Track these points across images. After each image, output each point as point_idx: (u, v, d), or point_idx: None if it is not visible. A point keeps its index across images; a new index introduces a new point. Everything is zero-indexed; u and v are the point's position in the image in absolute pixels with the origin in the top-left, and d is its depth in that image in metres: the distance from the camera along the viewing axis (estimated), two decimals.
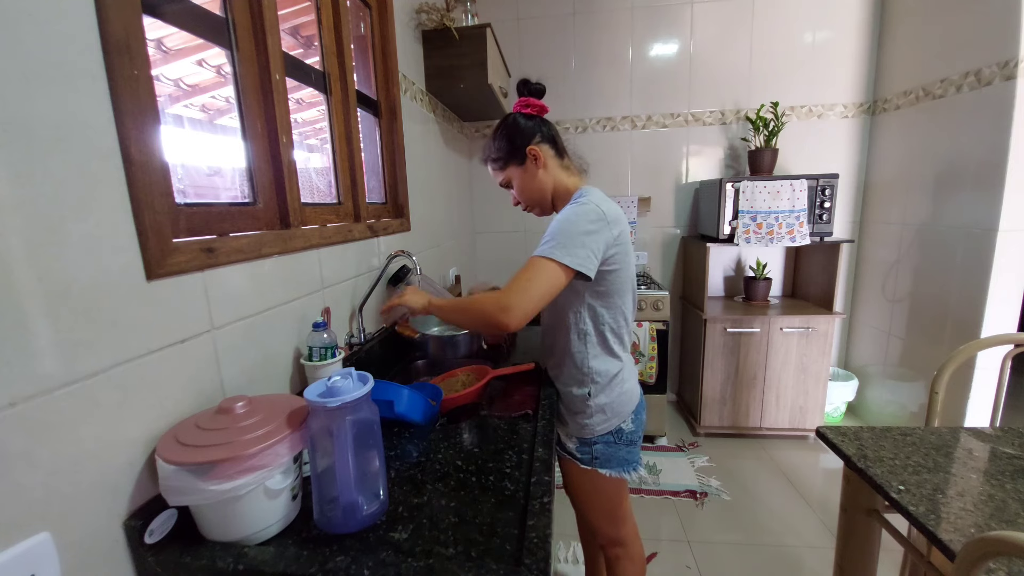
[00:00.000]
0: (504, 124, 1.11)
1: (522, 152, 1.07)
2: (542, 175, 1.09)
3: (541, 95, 1.11)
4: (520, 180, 1.10)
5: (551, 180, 1.10)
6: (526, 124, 1.09)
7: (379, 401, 0.78)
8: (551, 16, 2.61)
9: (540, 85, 1.11)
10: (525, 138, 1.07)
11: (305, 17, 1.24)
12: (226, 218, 0.84)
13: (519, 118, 1.10)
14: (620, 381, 1.08)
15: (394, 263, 1.38)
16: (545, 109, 1.11)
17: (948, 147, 2.02)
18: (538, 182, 1.09)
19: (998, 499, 0.79)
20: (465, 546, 0.62)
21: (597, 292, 1.02)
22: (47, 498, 0.51)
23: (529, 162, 1.08)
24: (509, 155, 1.09)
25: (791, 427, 2.41)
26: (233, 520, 0.61)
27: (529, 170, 1.08)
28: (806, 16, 2.45)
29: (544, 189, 1.10)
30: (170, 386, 0.68)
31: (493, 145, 1.12)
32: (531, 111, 1.10)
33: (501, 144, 1.10)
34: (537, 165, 1.08)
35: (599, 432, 1.07)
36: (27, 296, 0.49)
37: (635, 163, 2.72)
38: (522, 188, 1.11)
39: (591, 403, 1.06)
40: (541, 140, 1.08)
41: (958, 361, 1.15)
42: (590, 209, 0.96)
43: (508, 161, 1.10)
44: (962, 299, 1.95)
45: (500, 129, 1.11)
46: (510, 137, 1.09)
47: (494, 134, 1.12)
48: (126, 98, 0.60)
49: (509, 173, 1.11)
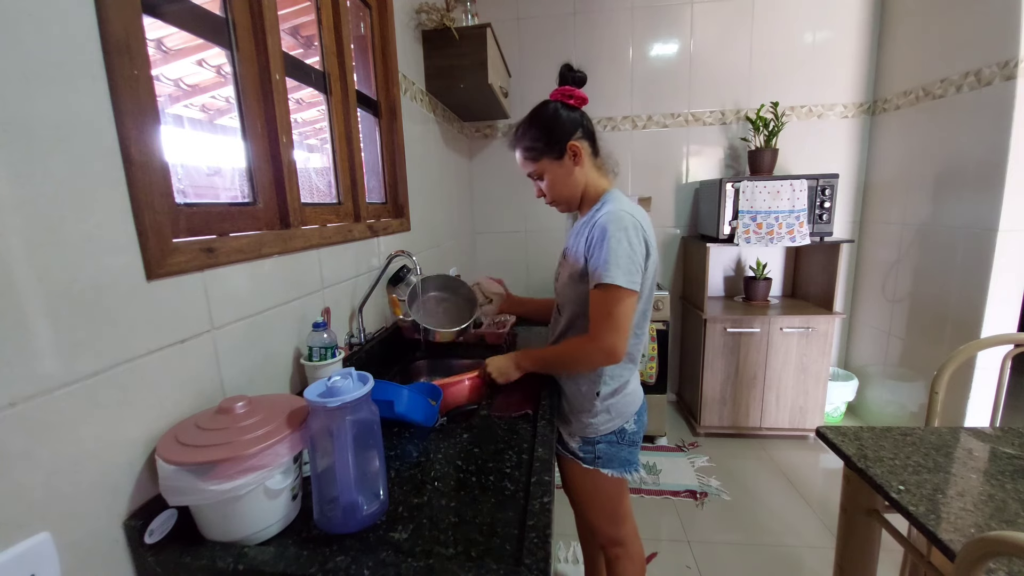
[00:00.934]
0: (543, 113, 1.04)
1: (562, 146, 1.01)
2: (578, 173, 1.03)
3: (583, 84, 1.04)
4: (554, 175, 1.04)
5: (584, 179, 1.05)
6: (568, 116, 1.02)
7: (379, 401, 0.78)
8: (551, 16, 2.61)
9: (583, 74, 1.04)
10: (567, 132, 1.01)
11: (305, 17, 1.24)
12: (226, 218, 0.84)
13: (561, 109, 1.02)
14: (626, 382, 1.08)
15: (394, 263, 1.38)
16: (586, 100, 1.04)
17: (948, 147, 2.02)
18: (573, 180, 1.04)
19: (998, 499, 0.79)
20: (465, 546, 0.62)
21: None
22: (47, 498, 0.51)
23: (567, 158, 1.02)
24: (547, 147, 1.02)
25: (791, 427, 2.41)
26: (233, 520, 0.61)
27: (566, 166, 1.03)
28: (806, 16, 2.45)
29: (577, 187, 1.05)
30: (170, 386, 0.68)
31: (529, 133, 1.04)
32: (573, 102, 1.03)
33: (539, 134, 1.02)
34: (576, 162, 1.02)
35: (603, 432, 1.07)
36: (27, 296, 0.49)
37: (635, 163, 2.72)
38: (554, 184, 1.05)
39: (598, 403, 1.05)
40: (582, 136, 1.02)
41: (958, 361, 1.15)
42: (632, 224, 0.94)
43: (544, 153, 1.03)
44: (962, 299, 1.95)
45: (538, 118, 1.04)
46: (550, 128, 1.02)
47: (530, 121, 1.05)
48: (126, 98, 0.60)
49: (543, 166, 1.04)
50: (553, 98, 1.04)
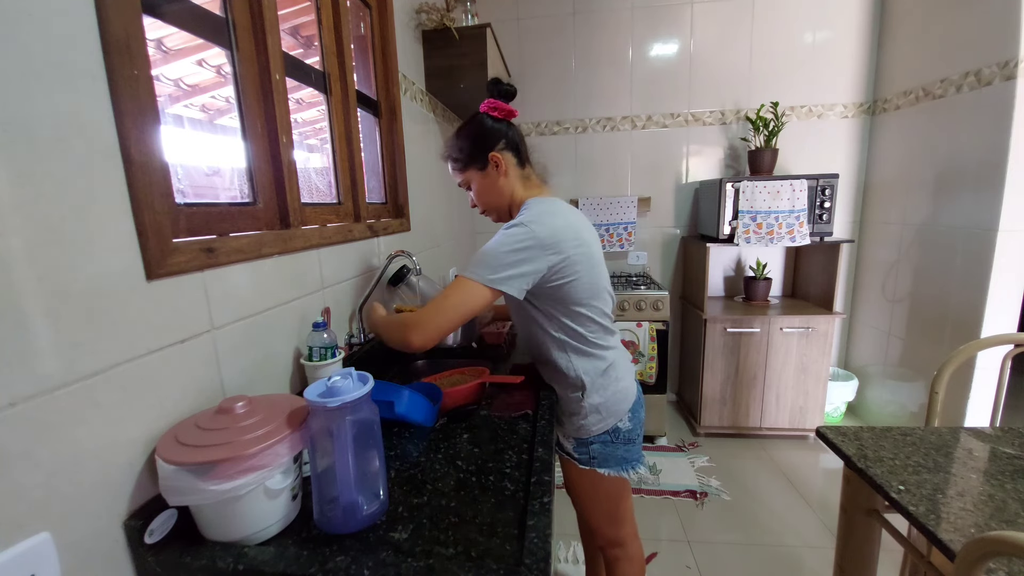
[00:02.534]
0: (470, 124, 1.07)
1: (484, 156, 1.03)
2: (502, 182, 1.05)
3: (511, 98, 1.07)
4: (479, 185, 1.07)
5: (510, 188, 1.06)
6: (492, 127, 1.04)
7: (379, 401, 0.78)
8: (551, 16, 2.61)
9: (511, 87, 1.07)
10: (489, 142, 1.03)
11: (305, 17, 1.24)
12: (226, 218, 0.84)
13: (486, 120, 1.05)
14: (613, 379, 1.06)
15: (394, 263, 1.38)
16: (513, 113, 1.07)
17: (948, 147, 2.02)
18: (497, 189, 1.06)
19: (998, 499, 0.79)
20: (465, 546, 0.62)
21: (556, 304, 0.99)
22: (47, 498, 0.51)
23: (491, 168, 1.04)
24: (471, 157, 1.05)
25: (791, 427, 2.41)
26: (233, 520, 0.61)
27: (490, 176, 1.05)
28: (806, 16, 2.45)
29: (503, 197, 1.06)
30: (170, 386, 0.68)
31: (456, 144, 1.07)
32: (499, 114, 1.06)
33: (464, 144, 1.06)
34: (499, 172, 1.04)
35: (595, 432, 1.07)
36: (27, 296, 0.49)
37: (635, 163, 2.72)
38: (480, 193, 1.08)
39: (585, 404, 1.05)
40: (505, 146, 1.04)
41: (958, 361, 1.15)
42: (522, 233, 0.92)
43: (469, 163, 1.06)
44: (962, 299, 1.95)
45: (465, 128, 1.07)
46: (474, 139, 1.05)
47: (458, 132, 1.08)
48: (126, 98, 0.60)
49: (469, 176, 1.07)
50: (482, 110, 1.07)
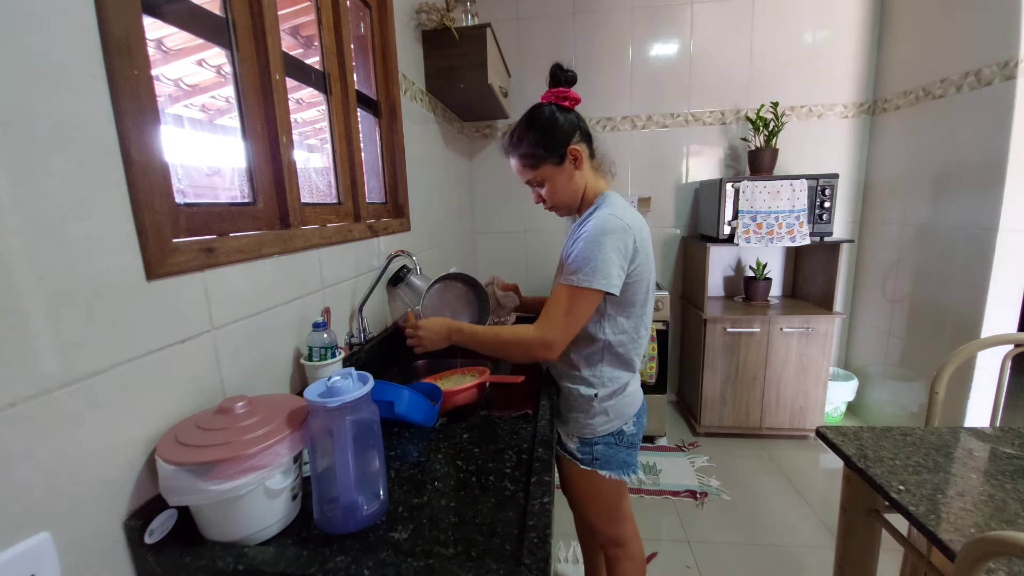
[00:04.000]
0: (539, 117, 0.99)
1: (562, 151, 0.98)
2: (578, 177, 1.01)
3: (575, 83, 1.01)
4: (556, 181, 1.01)
5: (584, 182, 1.02)
6: (566, 119, 0.98)
7: (379, 402, 0.78)
8: (551, 16, 2.60)
9: (574, 73, 1.01)
10: (566, 135, 0.98)
11: (305, 17, 1.24)
12: (226, 218, 0.84)
13: (557, 112, 0.99)
14: (627, 383, 1.07)
15: (394, 263, 1.38)
16: (579, 100, 1.01)
17: (948, 147, 2.02)
18: (574, 184, 1.01)
19: (998, 499, 0.79)
20: (465, 546, 0.62)
21: (618, 303, 0.99)
22: (47, 498, 0.51)
23: (568, 162, 0.99)
24: (547, 153, 0.98)
25: (791, 427, 2.41)
26: (233, 520, 0.61)
27: (567, 171, 1.00)
28: (806, 16, 2.45)
29: (578, 192, 1.02)
30: (170, 386, 0.68)
31: (527, 139, 0.99)
32: (569, 104, 1.00)
33: (537, 139, 0.98)
34: (576, 166, 0.99)
35: (600, 432, 1.06)
36: (27, 296, 0.49)
37: (635, 163, 2.72)
38: (556, 190, 1.02)
39: (596, 404, 1.05)
40: (580, 138, 1.00)
41: (958, 361, 1.15)
42: (617, 226, 0.92)
43: (544, 159, 0.99)
44: (962, 299, 1.95)
45: (534, 122, 1.00)
46: (549, 133, 0.98)
47: (527, 126, 1.00)
48: (126, 98, 0.60)
49: (543, 172, 1.00)
50: (546, 100, 1.01)
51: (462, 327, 1.01)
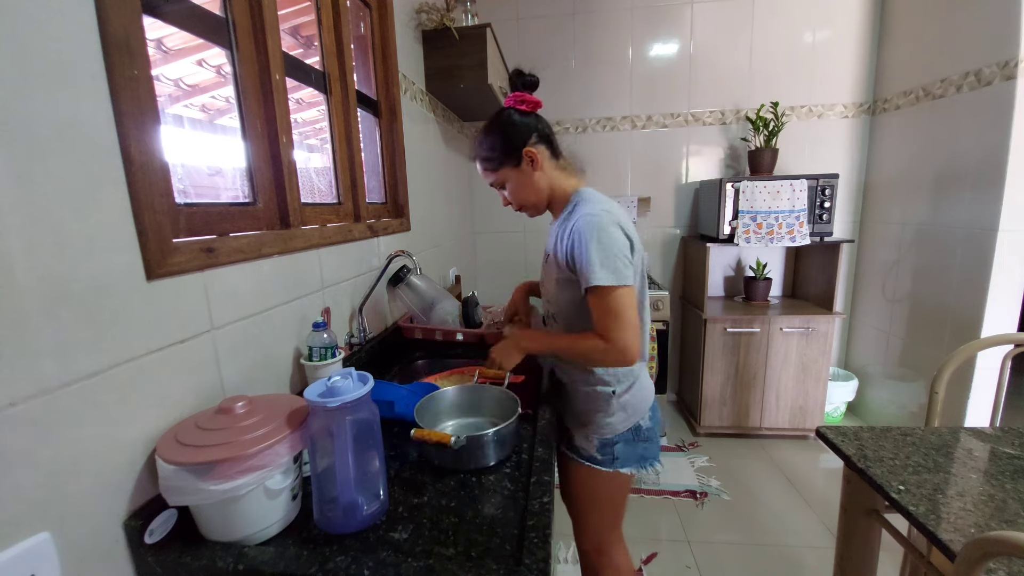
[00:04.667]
0: (498, 121, 1.03)
1: (518, 153, 1.00)
2: (538, 177, 1.03)
3: (535, 88, 1.04)
4: (515, 183, 1.04)
5: (547, 182, 1.04)
6: (522, 122, 1.01)
7: (379, 402, 0.78)
8: (551, 16, 2.60)
9: (534, 77, 1.04)
10: (521, 138, 1.00)
11: (305, 17, 1.24)
12: (226, 218, 0.84)
13: (514, 115, 1.02)
14: (638, 377, 1.07)
15: (394, 263, 1.38)
16: (539, 104, 1.03)
17: (948, 147, 2.02)
18: (534, 185, 1.03)
19: (998, 499, 0.79)
20: (465, 546, 0.62)
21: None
22: (47, 498, 0.51)
23: (525, 164, 1.01)
24: (504, 155, 1.01)
25: (791, 427, 2.41)
26: (233, 520, 0.61)
27: (525, 172, 1.02)
28: (806, 16, 2.45)
29: (540, 192, 1.04)
30: (170, 386, 0.68)
31: (485, 143, 1.03)
32: (526, 107, 1.02)
33: (495, 143, 1.02)
34: (534, 167, 1.01)
35: (621, 430, 1.06)
36: (27, 296, 0.49)
37: (635, 163, 2.72)
38: (516, 191, 1.05)
39: (615, 401, 1.04)
40: (537, 140, 1.02)
41: (958, 361, 1.15)
42: (608, 220, 0.93)
43: (502, 162, 1.02)
44: (962, 299, 1.95)
45: (493, 126, 1.03)
46: (505, 136, 1.01)
47: (486, 131, 1.04)
48: (126, 98, 0.60)
49: (503, 175, 1.03)
50: (508, 104, 1.03)
51: (535, 335, 1.05)
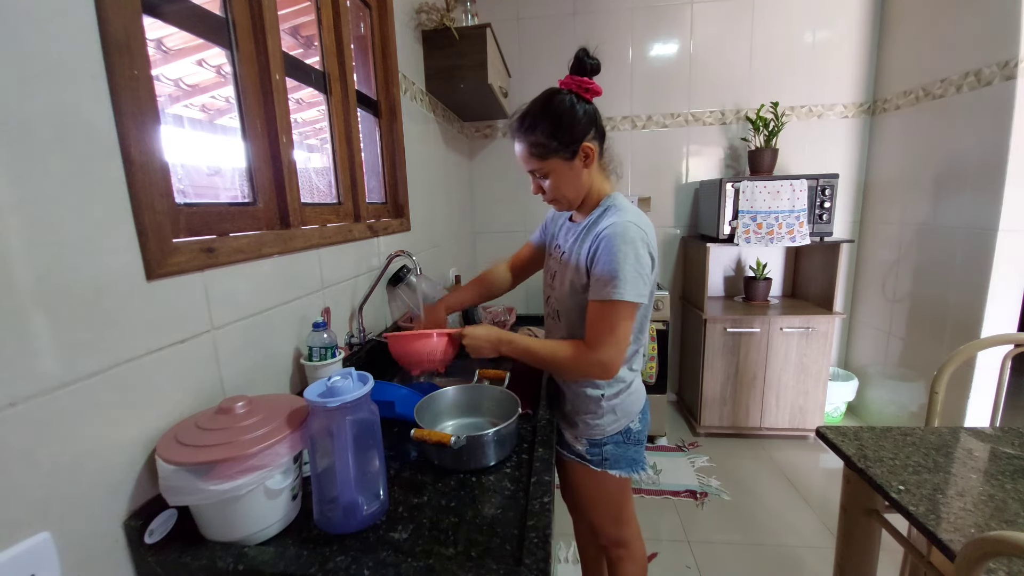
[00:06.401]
0: (557, 106, 0.91)
1: (575, 146, 0.91)
2: (586, 175, 0.95)
3: (597, 73, 0.93)
4: (561, 175, 0.94)
5: (590, 181, 0.97)
6: (584, 113, 0.91)
7: (379, 402, 0.78)
8: (551, 16, 2.60)
9: (598, 61, 0.92)
10: (582, 130, 0.91)
11: (305, 17, 1.24)
12: (226, 218, 0.84)
13: (576, 103, 0.91)
14: (629, 381, 1.07)
15: (394, 263, 1.38)
16: (600, 93, 0.93)
17: (948, 147, 2.02)
18: (581, 182, 0.96)
19: (998, 499, 0.79)
20: (465, 546, 0.62)
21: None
22: (47, 498, 0.51)
23: (579, 159, 0.93)
24: (560, 146, 0.91)
25: (791, 427, 2.41)
26: (233, 520, 0.61)
27: (576, 168, 0.93)
28: (806, 16, 2.45)
29: (583, 189, 0.97)
30: (170, 386, 0.68)
31: (540, 127, 0.91)
32: (589, 96, 0.92)
33: (552, 130, 0.90)
34: (586, 164, 0.94)
35: (610, 432, 1.06)
36: (27, 296, 0.49)
37: (635, 163, 2.72)
38: (559, 184, 0.96)
39: (604, 404, 1.04)
40: (595, 136, 0.93)
41: (958, 361, 1.15)
42: (639, 237, 0.89)
43: (555, 152, 0.92)
44: (962, 299, 1.95)
45: (550, 110, 0.91)
46: (564, 124, 0.90)
47: (542, 113, 0.91)
48: (126, 98, 0.60)
49: (550, 165, 0.93)
50: (565, 87, 0.93)
51: (513, 339, 0.99)
